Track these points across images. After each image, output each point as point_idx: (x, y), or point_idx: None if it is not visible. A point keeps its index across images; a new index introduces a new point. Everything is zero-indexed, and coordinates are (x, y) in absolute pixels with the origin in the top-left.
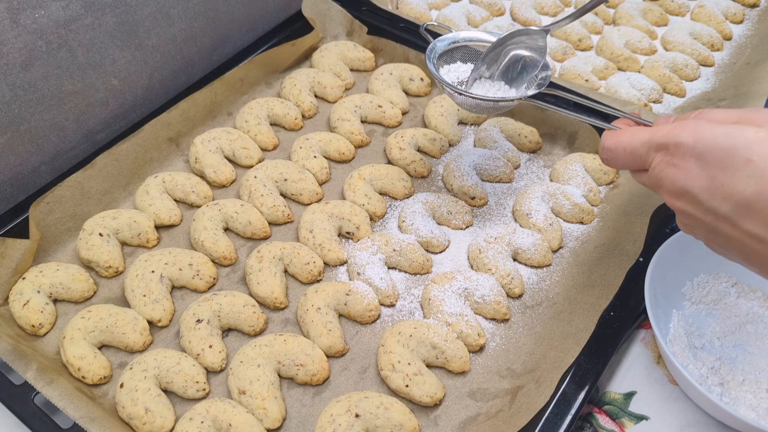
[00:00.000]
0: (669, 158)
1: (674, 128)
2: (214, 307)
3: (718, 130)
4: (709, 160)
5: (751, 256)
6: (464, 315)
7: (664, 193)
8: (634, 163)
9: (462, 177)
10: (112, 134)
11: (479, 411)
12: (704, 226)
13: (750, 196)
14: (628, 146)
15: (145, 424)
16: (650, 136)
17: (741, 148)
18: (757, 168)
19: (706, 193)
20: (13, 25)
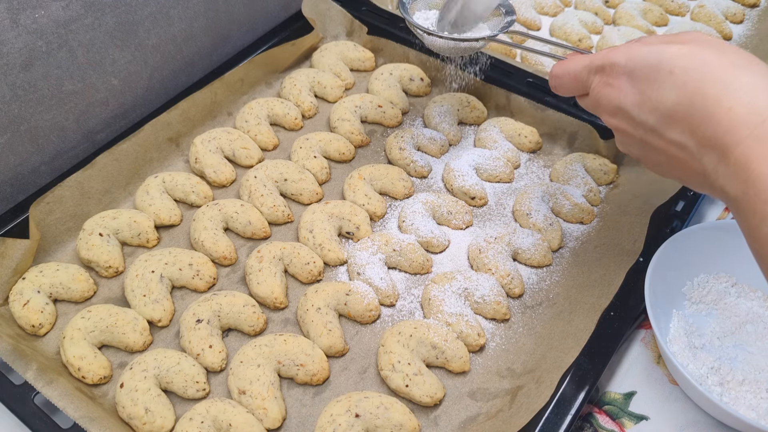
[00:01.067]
0: (605, 78)
1: (610, 50)
2: (214, 307)
3: (646, 49)
4: (639, 77)
5: (675, 162)
6: (464, 315)
7: (602, 112)
8: (577, 88)
9: (462, 177)
10: (112, 134)
11: (479, 411)
12: (636, 141)
13: (672, 105)
14: (572, 71)
15: (145, 424)
16: (590, 60)
17: (665, 63)
18: (678, 79)
19: (637, 108)
20: (13, 25)
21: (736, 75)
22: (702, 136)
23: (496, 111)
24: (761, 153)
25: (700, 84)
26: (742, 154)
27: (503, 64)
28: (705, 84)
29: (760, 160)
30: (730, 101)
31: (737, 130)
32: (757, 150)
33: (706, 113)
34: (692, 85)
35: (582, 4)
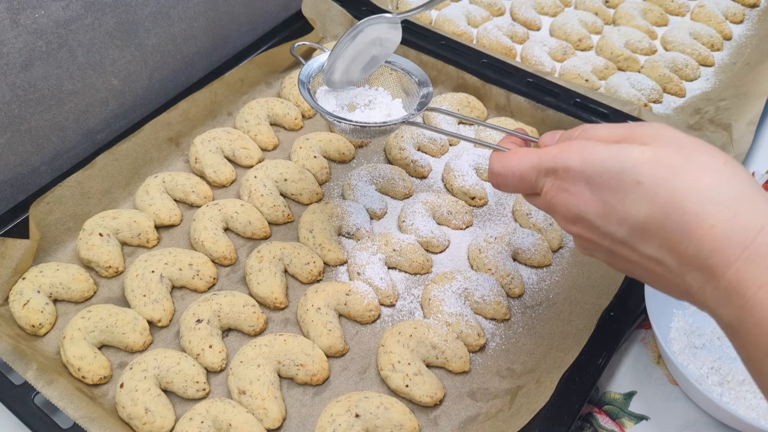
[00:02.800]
0: (560, 183)
1: (561, 151)
2: (214, 307)
3: (604, 152)
4: (600, 184)
5: (653, 277)
6: (464, 315)
7: (559, 218)
8: (525, 188)
9: (462, 177)
10: (112, 134)
11: (479, 411)
12: (603, 249)
13: (643, 219)
14: (517, 171)
15: (145, 424)
16: (538, 160)
17: (629, 170)
18: (647, 190)
19: (601, 218)
20: (13, 25)
21: (710, 184)
22: (683, 253)
23: (497, 111)
24: (757, 277)
25: (673, 196)
26: (734, 278)
27: (503, 64)
28: (678, 195)
29: (757, 285)
30: (711, 218)
31: (725, 251)
32: (752, 273)
33: (686, 230)
34: (664, 196)
35: (582, 4)
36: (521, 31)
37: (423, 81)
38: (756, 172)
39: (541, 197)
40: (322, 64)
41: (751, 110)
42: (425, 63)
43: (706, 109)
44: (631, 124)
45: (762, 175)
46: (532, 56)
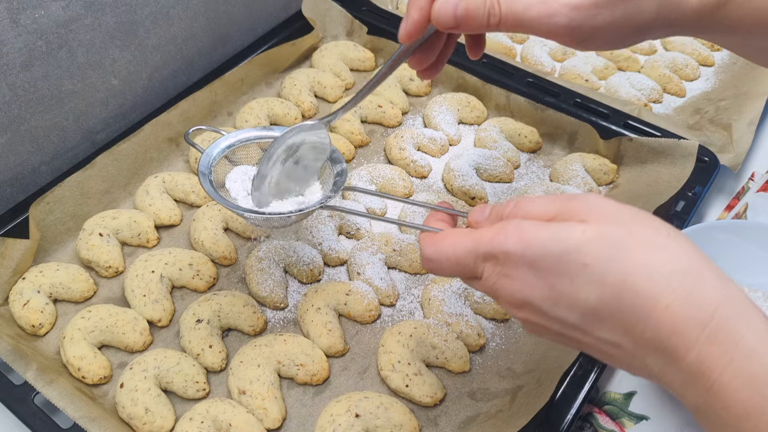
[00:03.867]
0: (500, 268)
1: (497, 234)
2: (214, 307)
3: (544, 234)
4: (543, 268)
5: (611, 359)
6: (464, 315)
7: (504, 303)
8: (462, 274)
9: (462, 177)
10: (112, 134)
11: (479, 411)
12: (553, 332)
13: (594, 303)
14: (452, 257)
15: (145, 424)
16: (474, 245)
17: (573, 252)
18: (594, 272)
19: (549, 303)
20: (13, 25)
21: (659, 261)
22: (640, 336)
23: (496, 111)
24: (720, 357)
25: (623, 276)
26: (697, 360)
27: (503, 64)
28: (628, 276)
29: (721, 366)
30: (665, 298)
31: (684, 332)
32: (715, 354)
33: (640, 312)
34: (614, 278)
35: None
36: None
37: (335, 158)
38: (756, 172)
39: (481, 283)
40: (223, 149)
41: (751, 110)
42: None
43: (706, 109)
44: (564, 197)
45: (762, 175)
46: (532, 56)
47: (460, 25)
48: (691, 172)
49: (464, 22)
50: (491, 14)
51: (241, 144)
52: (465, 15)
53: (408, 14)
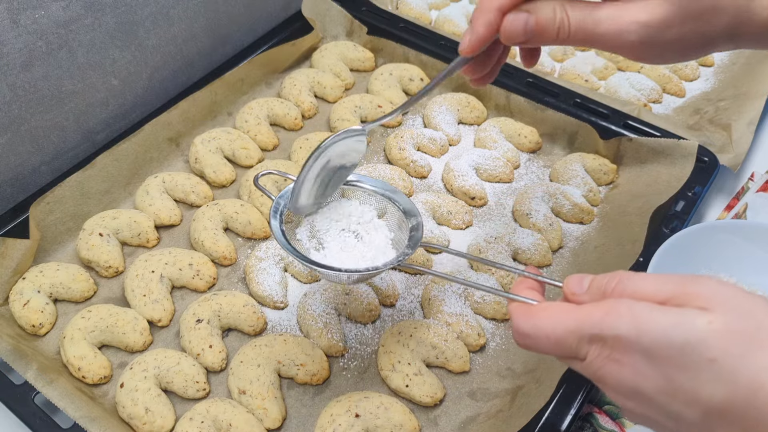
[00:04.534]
0: (608, 352)
1: (607, 315)
2: (214, 307)
3: (662, 320)
4: (661, 358)
5: None
6: (464, 315)
7: (609, 390)
8: (561, 354)
9: (462, 177)
10: (112, 134)
11: (479, 411)
12: (665, 428)
13: (721, 403)
14: (552, 335)
15: (145, 424)
16: (578, 324)
17: (697, 345)
18: (723, 369)
19: (664, 396)
20: (13, 26)
21: None
22: None
23: (496, 111)
24: None
25: (755, 375)
26: None
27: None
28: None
29: None
30: None
31: None
32: None
33: None
34: (746, 377)
35: None
36: None
37: (408, 210)
38: (756, 172)
39: (583, 365)
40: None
41: (751, 110)
42: (425, 63)
43: (705, 110)
44: (679, 279)
45: (762, 175)
46: None
47: (529, 39)
48: (691, 172)
49: (534, 36)
50: (561, 29)
51: None
52: (535, 30)
53: (473, 28)
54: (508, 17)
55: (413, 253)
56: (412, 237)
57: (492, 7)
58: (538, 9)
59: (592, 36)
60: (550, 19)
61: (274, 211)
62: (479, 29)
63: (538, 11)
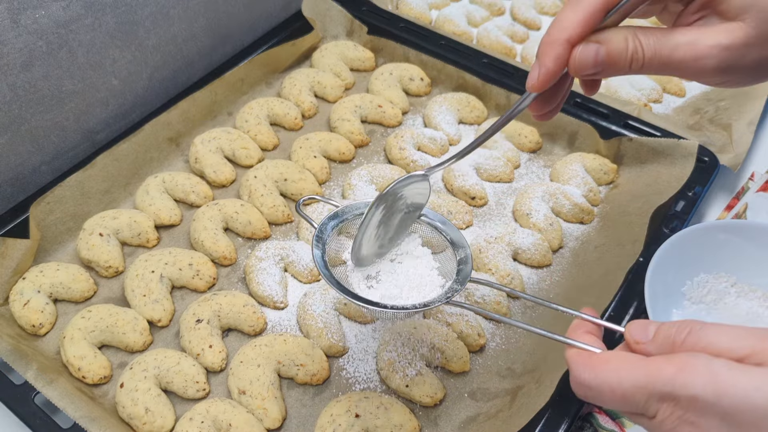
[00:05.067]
0: (682, 413)
1: (681, 372)
2: (214, 307)
3: (744, 381)
4: (743, 424)
5: None
6: (464, 315)
7: None
8: (627, 410)
9: (462, 177)
10: (112, 134)
11: (479, 411)
12: None
13: None
14: (618, 389)
15: (145, 424)
16: (647, 380)
17: None
18: None
19: None
20: (13, 25)
21: None
22: None
23: (496, 111)
24: None
25: None
26: None
27: (503, 64)
28: None
29: None
30: None
31: None
32: None
33: None
34: None
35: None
36: (521, 31)
37: (455, 241)
38: (756, 172)
39: (653, 424)
40: (335, 223)
41: (751, 110)
42: (425, 63)
43: (705, 109)
44: (759, 333)
45: (762, 175)
46: (532, 56)
47: (601, 71)
48: (691, 172)
49: (605, 68)
50: (634, 59)
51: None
52: (606, 61)
53: (542, 62)
54: (578, 49)
55: (462, 289)
56: (461, 271)
57: (560, 40)
58: (609, 39)
59: (668, 64)
60: (623, 49)
61: (317, 240)
62: (548, 63)
63: (609, 41)
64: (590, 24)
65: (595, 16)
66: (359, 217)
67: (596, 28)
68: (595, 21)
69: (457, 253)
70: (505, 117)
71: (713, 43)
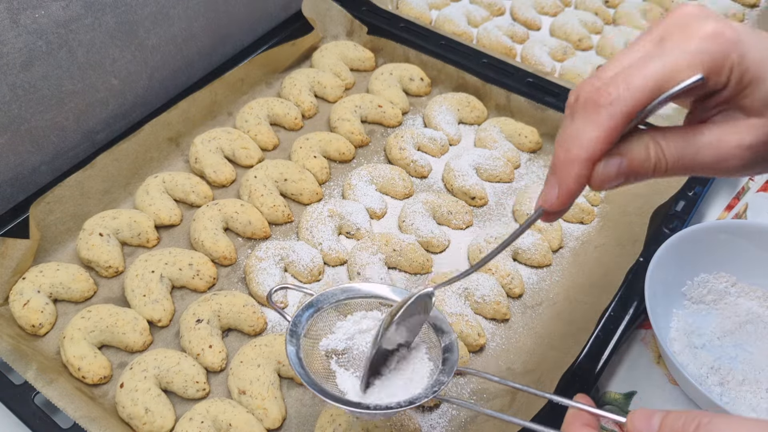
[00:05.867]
0: None
1: None
2: (214, 307)
3: None
4: None
5: None
6: (464, 315)
7: None
8: None
9: (462, 177)
10: (112, 134)
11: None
12: None
13: None
14: None
15: (145, 424)
16: None
17: None
18: None
19: None
20: (13, 25)
21: None
22: None
23: (496, 111)
24: None
25: None
26: None
27: (503, 64)
28: None
29: None
30: None
31: None
32: None
33: None
34: None
35: (582, 4)
36: (521, 31)
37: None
38: None
39: None
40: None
41: None
42: (425, 63)
43: None
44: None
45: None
46: (532, 56)
47: (624, 183)
48: None
49: (627, 179)
50: (657, 167)
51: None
52: (628, 172)
53: (561, 182)
54: (600, 166)
55: (449, 380)
56: (447, 360)
57: (581, 158)
58: (631, 149)
59: (692, 168)
60: (645, 159)
61: (290, 335)
62: (569, 183)
63: (631, 152)
64: (612, 139)
65: (617, 131)
66: (336, 305)
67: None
68: (617, 135)
69: (442, 339)
70: (519, 231)
71: (737, 143)
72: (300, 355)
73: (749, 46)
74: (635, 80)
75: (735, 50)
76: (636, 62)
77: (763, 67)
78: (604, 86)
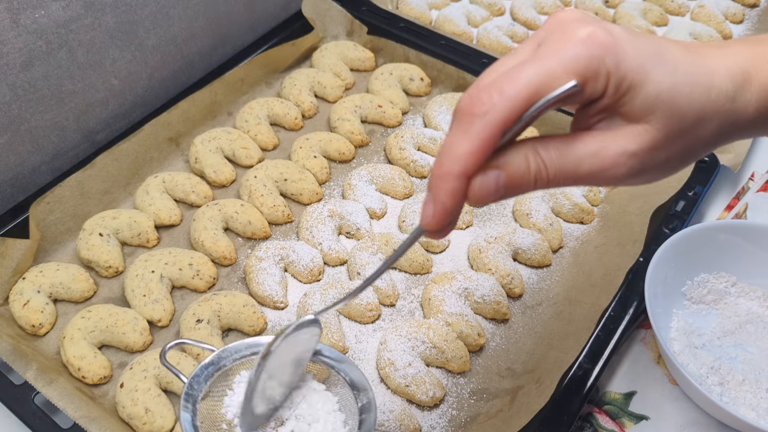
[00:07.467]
0: None
1: None
2: (214, 307)
3: None
4: None
5: None
6: (464, 315)
7: None
8: None
9: None
10: (112, 134)
11: (479, 411)
12: None
13: None
14: None
15: (145, 424)
16: None
17: None
18: None
19: None
20: (13, 25)
21: None
22: None
23: None
24: None
25: None
26: None
27: None
28: None
29: None
30: None
31: None
32: None
33: None
34: None
35: (582, 4)
36: (521, 31)
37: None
38: (756, 172)
39: None
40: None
41: None
42: (425, 63)
43: None
44: None
45: (762, 175)
46: None
47: (504, 197)
48: (692, 171)
49: (507, 193)
50: (538, 179)
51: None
52: (507, 185)
53: (437, 199)
54: (476, 181)
55: None
56: (363, 421)
57: (454, 173)
58: (509, 162)
59: (575, 178)
60: (524, 171)
61: (186, 399)
62: (445, 200)
63: (509, 164)
64: (486, 151)
65: (491, 142)
66: (241, 362)
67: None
68: (491, 147)
69: (359, 398)
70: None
71: (620, 150)
72: (196, 423)
73: (626, 52)
74: (509, 88)
75: (610, 55)
76: (512, 69)
77: (642, 73)
78: (477, 95)
